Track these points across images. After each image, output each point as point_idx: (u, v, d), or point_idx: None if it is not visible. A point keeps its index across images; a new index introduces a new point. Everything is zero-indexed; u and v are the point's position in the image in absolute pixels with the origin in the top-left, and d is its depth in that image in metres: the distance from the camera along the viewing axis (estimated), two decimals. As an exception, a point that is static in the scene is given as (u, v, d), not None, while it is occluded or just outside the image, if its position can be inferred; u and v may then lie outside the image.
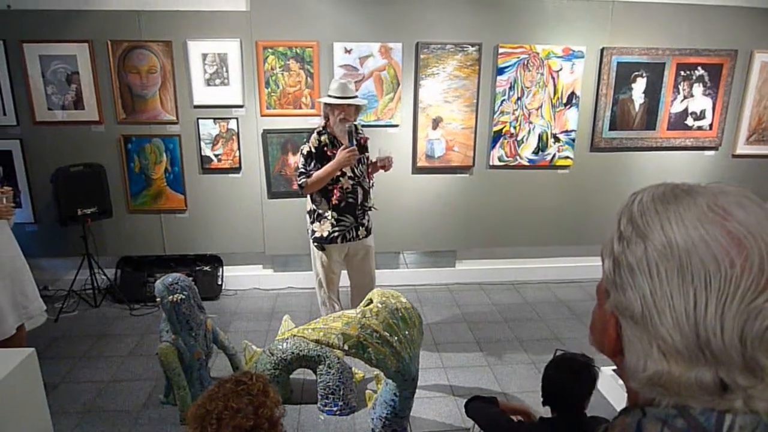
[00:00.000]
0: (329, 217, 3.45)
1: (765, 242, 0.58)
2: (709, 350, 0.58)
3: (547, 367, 2.07)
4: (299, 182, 3.40)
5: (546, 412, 2.07)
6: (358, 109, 3.47)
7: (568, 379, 1.96)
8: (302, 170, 3.39)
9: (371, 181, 3.64)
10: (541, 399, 2.04)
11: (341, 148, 3.32)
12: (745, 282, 0.57)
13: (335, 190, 3.42)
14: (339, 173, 3.38)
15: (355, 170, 3.46)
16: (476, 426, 2.38)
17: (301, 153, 3.42)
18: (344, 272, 3.83)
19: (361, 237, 3.57)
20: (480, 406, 2.17)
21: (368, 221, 3.62)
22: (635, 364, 0.65)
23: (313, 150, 3.38)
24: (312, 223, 3.55)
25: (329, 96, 3.38)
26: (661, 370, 0.61)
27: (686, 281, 0.59)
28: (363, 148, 3.53)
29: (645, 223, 0.64)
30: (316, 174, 3.34)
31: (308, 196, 3.51)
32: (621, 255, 0.66)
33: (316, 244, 3.56)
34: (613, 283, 0.68)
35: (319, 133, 3.41)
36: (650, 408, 0.64)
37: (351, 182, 3.45)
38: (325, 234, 3.48)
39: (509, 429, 2.04)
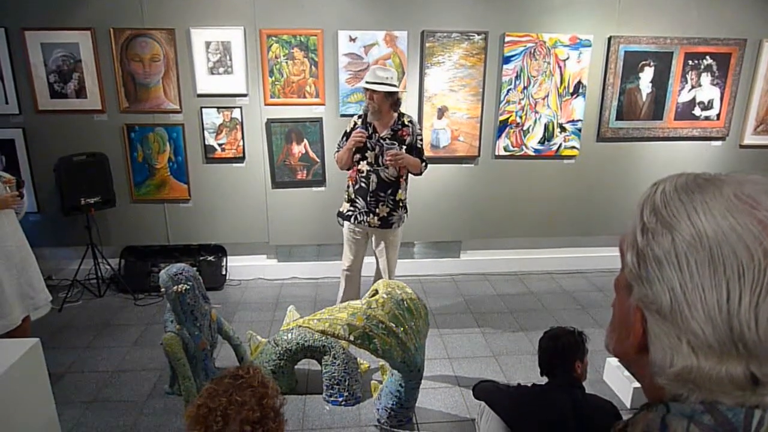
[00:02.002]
0: (347, 195, 3.69)
1: None
2: (742, 344, 0.56)
3: (541, 339, 2.29)
4: (334, 157, 3.77)
5: None
6: (389, 95, 3.45)
7: (559, 344, 2.19)
8: (338, 147, 3.75)
9: (403, 175, 3.63)
10: (539, 371, 2.26)
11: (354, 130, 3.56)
12: None
13: (352, 171, 3.62)
14: (360, 156, 3.55)
15: (379, 159, 3.51)
16: (481, 416, 2.39)
17: None
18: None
19: (372, 225, 3.61)
20: (485, 385, 2.41)
21: (387, 213, 3.60)
22: (662, 360, 0.62)
23: (347, 129, 3.68)
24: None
25: (366, 81, 3.51)
26: (690, 365, 0.59)
27: (718, 273, 0.57)
28: (398, 139, 3.53)
29: (670, 213, 0.62)
30: (340, 151, 3.65)
31: None
32: (646, 247, 0.64)
33: (338, 217, 3.79)
34: (638, 277, 0.65)
35: (359, 117, 3.64)
36: (675, 404, 0.62)
37: (367, 168, 3.54)
38: (344, 210, 3.71)
39: (507, 392, 2.30)
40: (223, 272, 4.93)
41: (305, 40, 4.38)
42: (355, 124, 3.60)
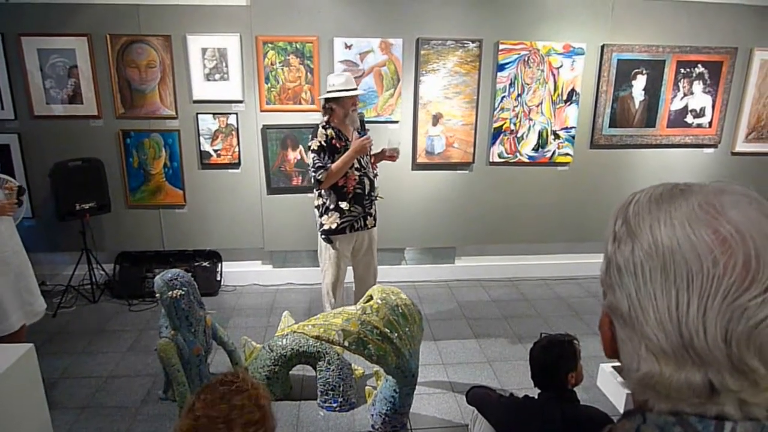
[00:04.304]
0: (340, 208, 3.50)
1: (753, 240, 0.56)
2: (693, 350, 0.57)
3: (532, 350, 2.21)
4: (318, 177, 3.40)
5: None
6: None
7: (552, 357, 2.11)
8: (319, 164, 3.40)
9: (375, 171, 3.70)
10: (532, 382, 2.18)
11: (356, 137, 3.43)
12: (728, 280, 0.55)
13: (350, 182, 3.48)
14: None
15: (361, 161, 3.52)
16: (474, 422, 2.40)
17: (311, 149, 3.45)
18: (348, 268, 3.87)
19: (369, 226, 3.65)
20: (478, 391, 2.38)
21: (375, 211, 3.69)
22: (628, 365, 0.64)
23: (323, 144, 3.42)
24: (320, 216, 3.60)
25: (338, 90, 3.41)
26: (652, 370, 0.60)
27: (669, 280, 0.59)
28: None
29: (636, 224, 0.64)
30: (334, 166, 3.39)
31: (315, 190, 3.60)
32: (612, 255, 0.66)
33: (323, 236, 3.61)
34: (605, 283, 0.68)
35: (324, 128, 3.47)
36: (650, 414, 0.63)
37: (358, 173, 3.51)
38: (334, 226, 3.54)
39: (498, 402, 2.25)
40: (218, 278, 4.93)
41: (301, 47, 4.41)
42: (327, 135, 3.42)
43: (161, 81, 4.43)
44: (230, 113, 4.54)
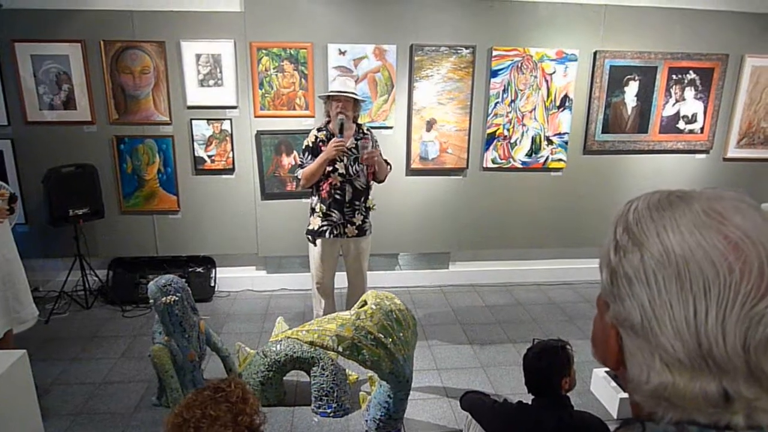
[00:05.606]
0: (318, 211, 3.57)
1: (763, 246, 0.56)
2: (712, 359, 0.56)
3: (525, 356, 2.20)
4: (296, 174, 3.60)
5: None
6: (357, 104, 3.54)
7: (545, 363, 2.11)
8: (299, 163, 3.58)
9: (370, 182, 3.65)
10: (526, 388, 2.17)
11: (331, 140, 3.41)
12: (745, 287, 0.55)
13: (325, 185, 3.51)
14: (330, 169, 3.47)
15: (349, 168, 3.50)
16: (468, 428, 2.40)
17: (303, 148, 3.59)
18: (342, 274, 3.88)
19: (350, 235, 3.60)
20: (472, 396, 2.36)
21: (362, 221, 3.63)
22: (638, 377, 0.63)
23: (309, 144, 3.53)
24: (309, 215, 3.68)
25: (330, 91, 3.49)
26: (665, 381, 0.60)
27: (685, 289, 0.58)
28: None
29: (641, 231, 0.63)
30: (308, 167, 3.47)
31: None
32: (618, 265, 0.65)
33: (308, 236, 3.68)
34: (611, 294, 0.66)
35: (319, 129, 3.56)
36: (650, 423, 0.63)
37: (340, 179, 3.50)
38: (315, 227, 3.60)
39: (492, 407, 2.22)
40: (212, 284, 4.92)
41: (295, 53, 4.42)
42: (317, 137, 3.52)
43: (155, 87, 4.43)
44: (224, 119, 4.54)
